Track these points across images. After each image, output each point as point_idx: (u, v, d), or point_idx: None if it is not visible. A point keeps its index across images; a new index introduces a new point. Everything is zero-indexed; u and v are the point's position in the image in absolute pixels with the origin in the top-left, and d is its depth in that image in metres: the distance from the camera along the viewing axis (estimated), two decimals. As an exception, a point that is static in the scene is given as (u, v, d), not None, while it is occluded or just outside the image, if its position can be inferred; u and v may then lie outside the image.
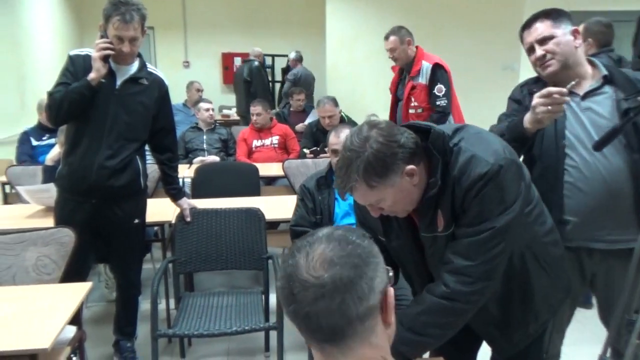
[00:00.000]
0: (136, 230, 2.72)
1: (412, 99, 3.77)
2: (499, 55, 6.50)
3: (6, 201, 4.21)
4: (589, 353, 2.29)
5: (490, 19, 6.58)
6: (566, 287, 1.62)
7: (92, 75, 2.40)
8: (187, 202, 2.88)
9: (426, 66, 3.73)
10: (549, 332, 1.96)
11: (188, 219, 2.83)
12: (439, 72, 3.72)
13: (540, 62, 1.85)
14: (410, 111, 3.79)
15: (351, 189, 1.33)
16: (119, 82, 2.51)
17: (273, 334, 2.70)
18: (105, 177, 2.50)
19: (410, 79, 3.79)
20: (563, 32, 1.83)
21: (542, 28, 1.84)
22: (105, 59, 2.42)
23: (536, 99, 1.64)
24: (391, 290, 0.93)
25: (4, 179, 4.08)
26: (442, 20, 6.74)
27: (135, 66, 2.56)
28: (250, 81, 6.77)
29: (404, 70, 3.90)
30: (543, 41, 1.83)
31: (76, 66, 2.47)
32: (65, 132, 2.63)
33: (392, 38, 3.78)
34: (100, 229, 2.62)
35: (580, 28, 3.45)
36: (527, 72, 2.04)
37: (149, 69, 2.62)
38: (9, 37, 5.64)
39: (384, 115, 4.50)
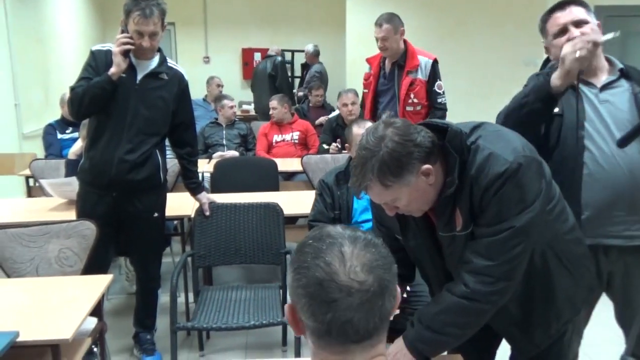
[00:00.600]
0: (156, 224, 2.75)
1: (412, 96, 3.50)
2: (520, 51, 6.40)
3: (30, 194, 4.29)
4: (611, 351, 2.25)
5: (511, 14, 6.50)
6: (589, 286, 1.58)
7: (112, 70, 2.43)
8: (206, 197, 2.90)
9: (425, 61, 3.51)
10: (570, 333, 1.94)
11: (207, 213, 2.85)
12: (437, 69, 3.56)
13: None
14: (408, 108, 3.50)
15: (366, 188, 1.32)
16: (139, 76, 2.53)
17: (290, 330, 2.71)
18: (125, 171, 2.53)
19: (407, 73, 3.51)
20: (592, 21, 1.81)
21: (577, 11, 1.82)
22: (125, 53, 2.45)
23: (565, 49, 1.64)
24: (397, 288, 0.93)
25: (27, 172, 4.15)
26: (463, 15, 6.67)
27: (155, 61, 2.58)
28: (275, 75, 6.70)
29: (393, 63, 3.57)
30: (579, 24, 1.80)
31: (98, 61, 2.51)
32: (87, 127, 2.66)
33: (385, 26, 3.45)
34: (120, 222, 2.65)
35: None
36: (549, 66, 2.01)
37: (169, 64, 2.64)
38: (33, 33, 5.74)
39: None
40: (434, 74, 3.52)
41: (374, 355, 0.89)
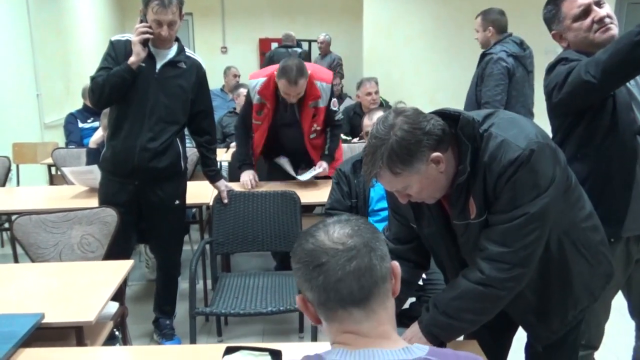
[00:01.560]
0: (177, 212, 2.79)
1: (315, 126, 3.24)
2: (541, 39, 6.31)
3: (52, 182, 4.38)
4: (627, 343, 2.24)
5: (533, 1, 6.41)
6: (607, 273, 1.57)
7: (132, 59, 2.46)
8: (224, 184, 2.93)
9: (323, 87, 3.16)
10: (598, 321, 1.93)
11: (225, 201, 2.88)
12: (332, 88, 3.29)
13: (599, 25, 1.75)
14: (312, 136, 3.27)
15: (376, 176, 1.34)
16: (158, 65, 2.57)
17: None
18: (147, 159, 2.57)
19: (308, 105, 3.16)
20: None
21: None
22: (144, 43, 2.49)
23: None
24: (395, 262, 1.01)
25: (50, 161, 4.24)
26: (483, 3, 6.58)
27: (173, 50, 2.61)
28: None
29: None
30: (598, 3, 1.76)
31: (117, 51, 2.54)
32: (108, 116, 2.71)
33: (301, 81, 3.00)
34: (142, 210, 2.70)
35: (479, 20, 3.65)
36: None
37: (187, 53, 2.67)
38: (54, 25, 5.82)
39: (422, 99, 4.48)
40: (331, 95, 3.26)
41: (381, 322, 0.95)
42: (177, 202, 2.76)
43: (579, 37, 1.81)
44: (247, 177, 3.24)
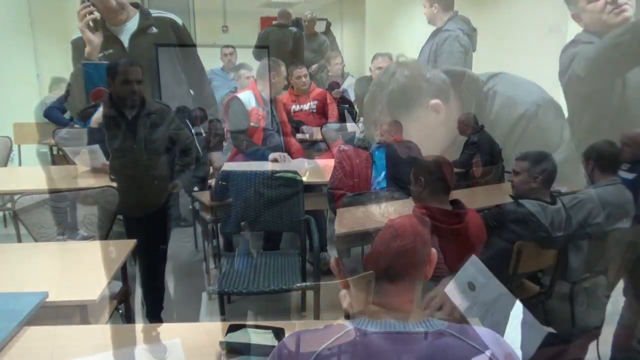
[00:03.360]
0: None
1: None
2: (544, 17, 6.25)
3: (54, 163, 4.38)
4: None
5: (537, -22, 6.32)
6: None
7: (86, 50, 2.20)
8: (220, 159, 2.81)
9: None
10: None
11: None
12: None
13: (613, 6, 1.74)
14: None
15: (376, 123, 1.34)
16: (126, 42, 2.26)
17: (310, 295, 2.76)
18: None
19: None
20: None
21: None
22: (95, 27, 2.22)
23: None
24: (434, 249, 1.03)
25: (52, 141, 4.22)
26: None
27: (136, 19, 2.30)
28: (295, 51, 6.14)
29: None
30: None
31: (81, 49, 2.28)
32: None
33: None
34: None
35: None
36: (575, 34, 1.95)
37: (154, 15, 2.35)
38: (54, 3, 5.75)
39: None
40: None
41: (408, 300, 0.99)
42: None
43: (593, 19, 1.80)
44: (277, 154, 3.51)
